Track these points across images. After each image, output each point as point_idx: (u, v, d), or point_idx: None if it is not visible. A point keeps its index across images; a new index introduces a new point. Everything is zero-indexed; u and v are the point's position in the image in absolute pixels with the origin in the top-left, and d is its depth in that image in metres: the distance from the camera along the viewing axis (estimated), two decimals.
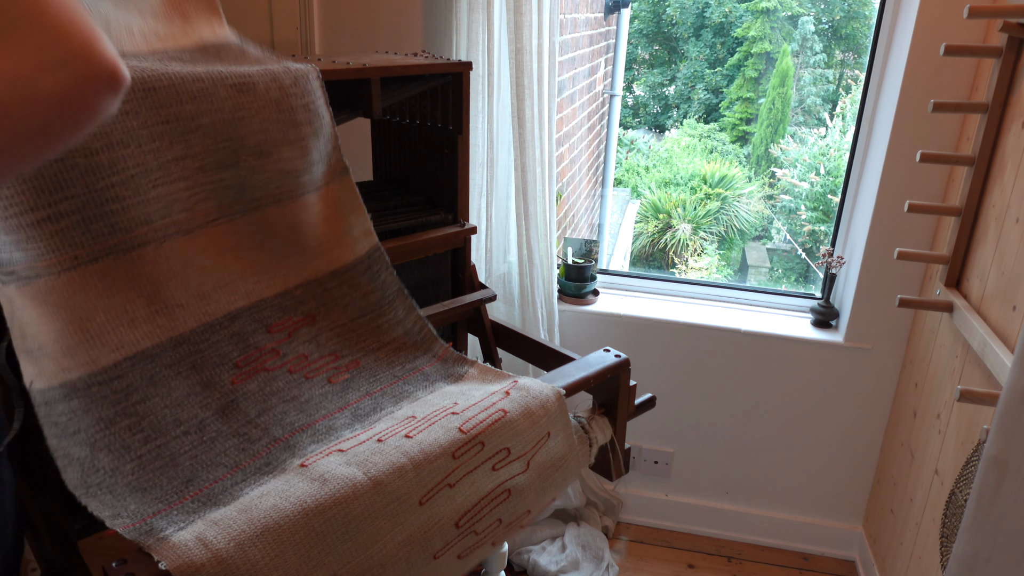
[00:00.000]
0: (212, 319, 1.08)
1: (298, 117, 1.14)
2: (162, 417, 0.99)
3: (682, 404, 2.31)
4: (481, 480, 1.05)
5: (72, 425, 0.92)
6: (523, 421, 1.11)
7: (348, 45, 2.01)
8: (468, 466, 1.03)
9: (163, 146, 1.01)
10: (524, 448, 1.11)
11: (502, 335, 1.61)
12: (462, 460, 1.02)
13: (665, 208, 10.01)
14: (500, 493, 1.07)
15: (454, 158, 1.52)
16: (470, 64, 1.47)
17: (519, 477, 1.10)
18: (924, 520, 1.84)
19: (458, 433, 1.03)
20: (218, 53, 1.11)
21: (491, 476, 1.06)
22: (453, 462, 1.01)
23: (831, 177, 9.24)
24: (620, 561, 2.28)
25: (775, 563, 2.32)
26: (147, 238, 1.01)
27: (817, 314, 2.22)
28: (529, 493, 1.12)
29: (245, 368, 1.09)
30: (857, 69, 12.38)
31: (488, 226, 2.05)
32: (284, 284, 1.18)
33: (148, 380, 1.00)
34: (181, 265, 1.05)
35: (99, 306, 0.97)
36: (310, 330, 1.19)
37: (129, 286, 1.00)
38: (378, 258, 1.28)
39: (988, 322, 1.57)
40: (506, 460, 1.08)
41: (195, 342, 1.06)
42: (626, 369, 1.32)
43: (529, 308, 2.11)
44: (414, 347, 1.29)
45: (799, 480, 2.33)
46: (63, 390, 0.93)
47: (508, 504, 1.09)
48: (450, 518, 1.01)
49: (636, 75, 13.73)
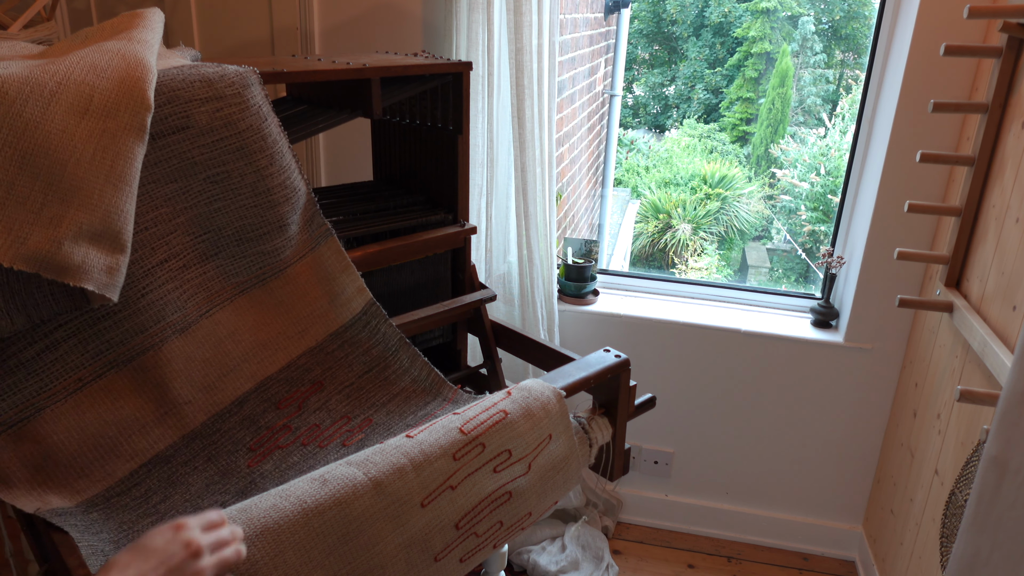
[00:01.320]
0: (221, 408, 1.10)
1: (275, 197, 1.12)
2: (183, 511, 1.00)
3: (682, 404, 2.31)
4: (482, 482, 1.04)
5: (94, 528, 0.93)
6: (524, 423, 1.11)
7: (348, 45, 2.01)
8: (469, 468, 1.03)
9: (145, 254, 1.02)
10: (525, 450, 1.10)
11: (502, 335, 1.61)
12: (463, 462, 1.02)
13: (665, 208, 10.00)
14: (501, 495, 1.07)
15: (454, 158, 1.52)
16: (470, 64, 1.47)
17: (520, 479, 1.09)
18: (924, 520, 1.84)
19: (459, 434, 1.03)
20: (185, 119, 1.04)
21: (492, 478, 1.06)
22: (454, 463, 1.01)
23: (831, 177, 9.24)
24: (620, 561, 2.28)
25: (775, 563, 2.32)
26: (145, 345, 1.03)
27: (817, 314, 2.22)
28: (530, 496, 1.12)
29: (259, 450, 1.10)
30: (857, 69, 12.38)
31: (488, 226, 2.05)
32: (287, 357, 1.19)
33: (166, 481, 1.01)
34: (183, 363, 1.06)
35: (109, 420, 0.98)
36: (319, 397, 1.19)
37: (136, 394, 1.01)
38: (375, 313, 1.28)
39: (988, 322, 1.57)
40: (507, 462, 1.08)
41: (207, 434, 1.07)
42: (626, 369, 1.32)
43: (529, 308, 2.11)
44: (424, 393, 1.29)
45: (799, 480, 2.33)
46: (82, 507, 0.94)
47: (509, 506, 1.08)
48: (451, 520, 1.00)
49: (636, 75, 13.72)
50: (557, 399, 1.17)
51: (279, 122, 1.14)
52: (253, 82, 1.09)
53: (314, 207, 1.22)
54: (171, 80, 1.02)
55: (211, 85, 1.04)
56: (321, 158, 2.11)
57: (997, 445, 1.02)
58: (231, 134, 1.06)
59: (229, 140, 1.06)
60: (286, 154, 1.14)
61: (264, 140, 1.09)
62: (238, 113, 1.06)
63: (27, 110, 0.86)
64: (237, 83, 1.07)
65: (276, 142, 1.12)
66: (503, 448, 1.07)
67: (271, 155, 1.11)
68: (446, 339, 1.64)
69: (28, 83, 0.87)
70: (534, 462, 1.11)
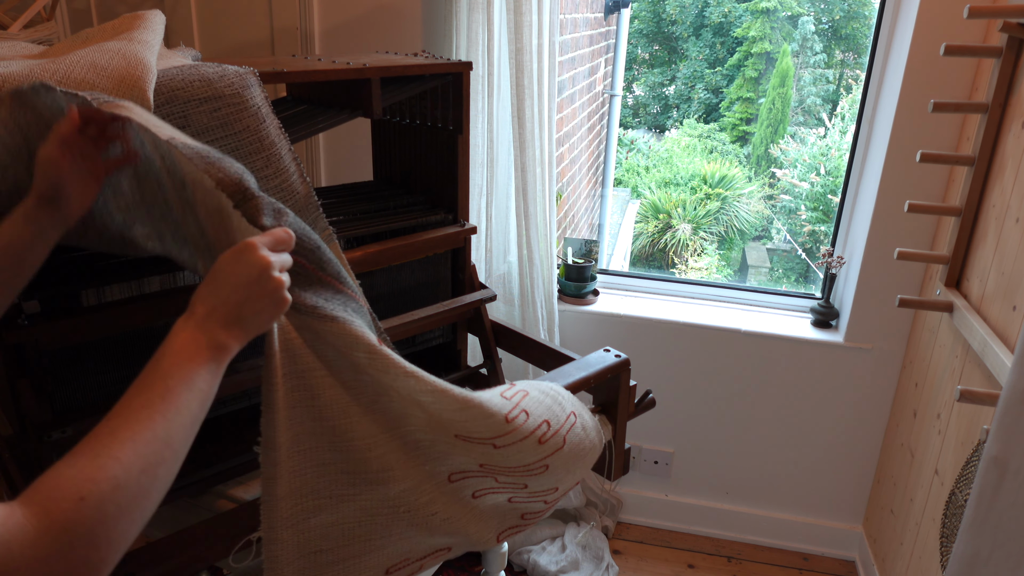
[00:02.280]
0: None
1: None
2: None
3: (682, 404, 2.31)
4: (527, 450, 1.05)
5: None
6: (547, 399, 1.13)
7: (348, 45, 2.01)
8: (517, 435, 1.03)
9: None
10: (558, 423, 1.11)
11: (502, 335, 1.61)
12: (513, 425, 1.02)
13: (665, 208, 10.01)
14: (539, 467, 1.08)
15: (454, 158, 1.52)
16: (470, 64, 1.47)
17: (556, 455, 1.10)
18: (924, 520, 1.84)
19: (503, 400, 1.04)
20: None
21: (536, 449, 1.06)
22: (506, 425, 1.01)
23: (831, 177, 9.24)
24: (620, 561, 2.28)
25: (775, 563, 2.32)
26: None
27: (817, 314, 2.22)
28: (559, 470, 1.13)
29: None
30: (857, 69, 12.38)
31: (488, 226, 2.05)
32: None
33: None
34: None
35: None
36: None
37: None
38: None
39: (988, 322, 1.57)
40: (549, 433, 1.09)
41: None
42: (626, 369, 1.32)
43: (529, 308, 2.11)
44: None
45: (799, 480, 2.33)
46: None
47: (541, 477, 1.10)
48: (476, 460, 1.01)
49: (636, 75, 13.73)
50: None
51: (279, 124, 1.14)
52: (253, 83, 1.09)
53: (317, 211, 1.21)
54: (171, 80, 1.01)
55: (210, 85, 1.04)
56: (321, 158, 2.11)
57: (997, 445, 1.02)
58: (227, 135, 1.06)
59: (225, 141, 1.06)
60: (285, 156, 1.14)
61: (261, 142, 1.09)
62: (235, 114, 1.06)
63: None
64: (236, 83, 1.06)
65: (274, 144, 1.11)
66: (543, 419, 1.08)
67: (267, 157, 1.10)
68: (446, 339, 1.64)
69: (29, 81, 0.87)
70: (567, 436, 1.12)
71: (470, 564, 2.18)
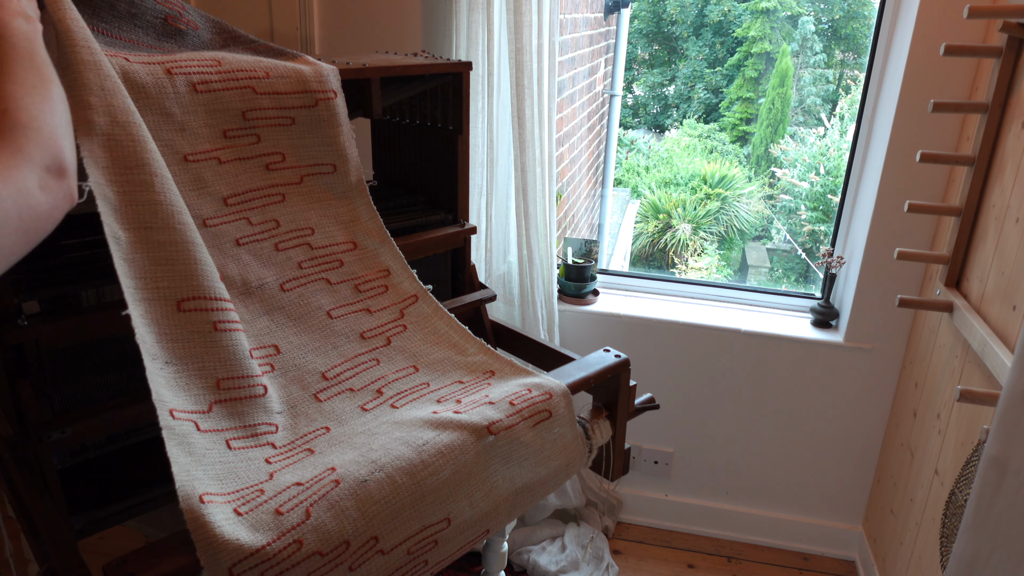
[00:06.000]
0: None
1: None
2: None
3: (682, 404, 2.31)
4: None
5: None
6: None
7: (348, 45, 2.01)
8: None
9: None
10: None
11: (502, 335, 1.61)
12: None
13: (665, 208, 10.01)
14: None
15: (454, 158, 1.52)
16: (470, 64, 1.47)
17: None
18: (924, 520, 1.84)
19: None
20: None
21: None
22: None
23: (831, 177, 9.24)
24: (620, 561, 2.28)
25: (775, 563, 2.32)
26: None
27: (817, 314, 2.22)
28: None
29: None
30: (857, 69, 12.38)
31: (488, 226, 2.05)
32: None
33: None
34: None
35: None
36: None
37: None
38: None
39: (988, 322, 1.57)
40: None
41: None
42: (626, 369, 1.32)
43: (529, 308, 2.11)
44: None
45: (799, 480, 2.33)
46: None
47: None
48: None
49: (636, 75, 13.72)
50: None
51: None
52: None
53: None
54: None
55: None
56: None
57: (997, 445, 1.02)
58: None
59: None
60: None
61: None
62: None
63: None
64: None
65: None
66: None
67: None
68: None
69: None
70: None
71: (470, 564, 2.19)
